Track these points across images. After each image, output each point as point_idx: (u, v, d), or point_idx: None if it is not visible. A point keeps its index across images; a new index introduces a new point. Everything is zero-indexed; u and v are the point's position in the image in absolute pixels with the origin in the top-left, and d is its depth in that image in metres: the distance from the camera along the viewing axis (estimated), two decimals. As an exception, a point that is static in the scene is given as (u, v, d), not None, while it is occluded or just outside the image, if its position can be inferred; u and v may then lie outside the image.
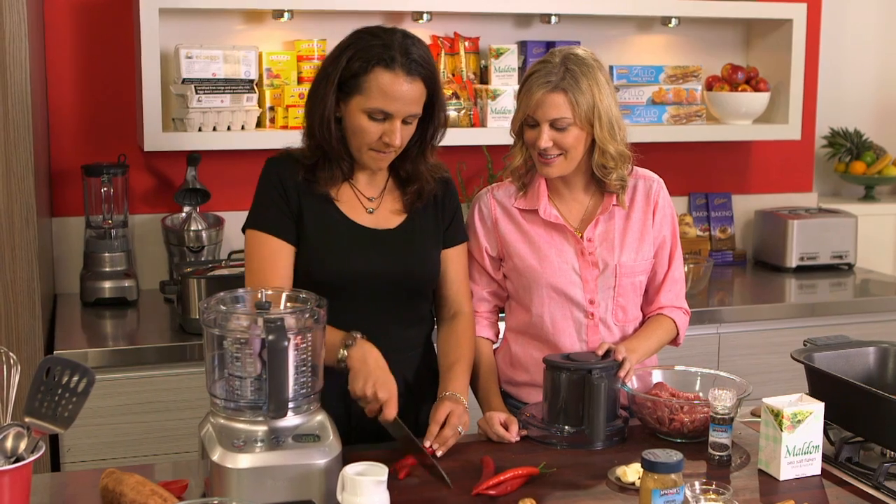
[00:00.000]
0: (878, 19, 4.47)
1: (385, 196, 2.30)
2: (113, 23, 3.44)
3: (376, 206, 2.29)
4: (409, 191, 2.29)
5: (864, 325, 3.49)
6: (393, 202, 2.30)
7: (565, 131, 2.27)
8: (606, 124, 2.28)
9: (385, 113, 2.13)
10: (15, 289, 2.76)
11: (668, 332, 2.44)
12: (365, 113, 2.14)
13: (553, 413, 2.20)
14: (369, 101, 2.13)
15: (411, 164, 2.28)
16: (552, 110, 2.26)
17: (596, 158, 2.33)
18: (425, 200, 2.30)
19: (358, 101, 2.15)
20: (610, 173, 2.34)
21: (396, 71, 2.12)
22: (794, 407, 2.01)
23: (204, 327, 1.90)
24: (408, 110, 2.15)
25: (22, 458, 1.65)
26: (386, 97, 2.12)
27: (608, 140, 2.30)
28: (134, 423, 2.92)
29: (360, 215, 2.26)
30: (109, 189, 3.34)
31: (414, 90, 2.14)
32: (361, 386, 2.06)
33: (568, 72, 2.26)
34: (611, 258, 2.37)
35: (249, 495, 1.77)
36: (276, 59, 3.45)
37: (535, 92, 2.27)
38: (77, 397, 1.68)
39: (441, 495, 1.93)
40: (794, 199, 4.28)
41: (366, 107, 2.14)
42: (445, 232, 2.34)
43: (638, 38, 3.97)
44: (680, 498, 1.78)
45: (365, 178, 2.29)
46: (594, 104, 2.27)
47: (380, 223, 2.27)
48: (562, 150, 2.29)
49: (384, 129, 2.15)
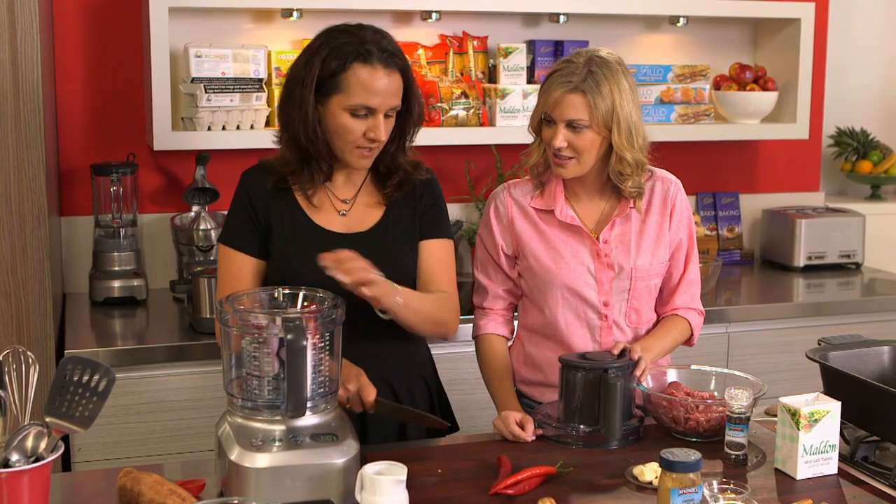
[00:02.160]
0: (884, 19, 4.47)
1: (361, 193, 2.29)
2: (122, 22, 3.43)
3: (349, 208, 2.27)
4: (390, 184, 2.27)
5: (872, 324, 3.49)
6: (369, 196, 2.28)
7: (581, 133, 2.26)
8: (625, 131, 2.27)
9: (368, 108, 2.13)
10: (26, 288, 2.76)
11: (682, 332, 2.44)
12: (347, 111, 2.13)
13: (569, 412, 2.20)
14: (350, 97, 2.12)
15: (390, 158, 2.26)
16: (569, 110, 2.26)
17: (612, 164, 2.31)
18: (406, 191, 2.28)
19: (338, 100, 2.14)
20: (626, 180, 2.33)
21: (374, 64, 2.12)
22: (811, 406, 2.01)
23: (221, 326, 1.90)
24: (389, 103, 2.14)
25: (42, 457, 1.65)
26: (367, 92, 2.11)
27: (626, 147, 2.28)
28: (144, 423, 2.91)
29: (332, 220, 2.25)
30: (118, 188, 3.34)
31: (393, 82, 2.14)
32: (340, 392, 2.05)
33: (590, 74, 2.25)
34: (626, 261, 2.36)
35: (268, 495, 1.77)
36: (285, 59, 3.44)
37: (555, 91, 2.27)
38: (97, 397, 1.68)
39: (459, 494, 1.93)
40: (802, 199, 4.28)
41: (347, 104, 2.13)
42: (420, 222, 2.30)
43: (646, 37, 3.97)
44: (698, 497, 1.78)
45: (342, 178, 2.28)
46: (614, 109, 2.25)
47: (352, 226, 2.26)
48: (575, 152, 2.28)
49: (368, 125, 2.14)
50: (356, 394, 2.08)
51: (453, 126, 3.53)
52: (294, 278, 2.14)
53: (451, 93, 3.53)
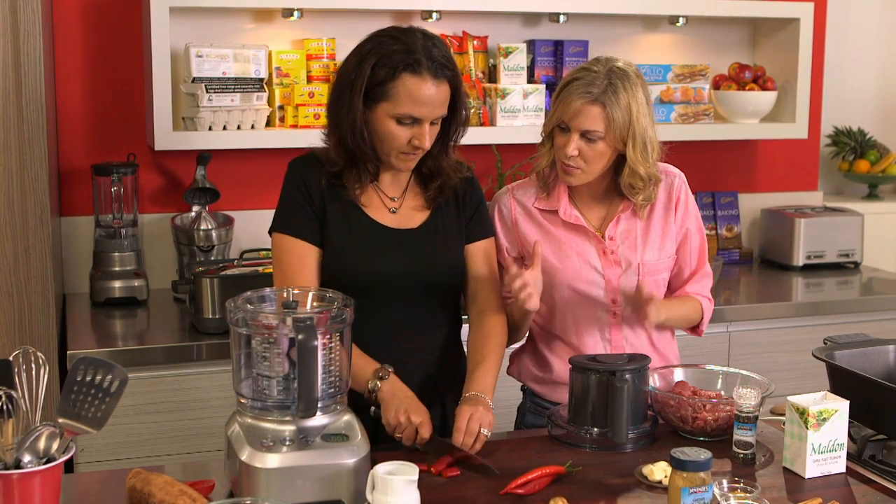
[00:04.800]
0: (881, 19, 4.48)
1: (407, 194, 2.31)
2: (122, 22, 3.42)
3: (399, 206, 2.29)
4: (432, 187, 2.29)
5: (871, 323, 3.50)
6: (415, 199, 2.31)
7: (594, 144, 2.26)
8: (640, 145, 2.26)
9: (414, 118, 2.14)
10: (29, 289, 2.75)
11: (695, 309, 2.43)
12: (393, 118, 2.15)
13: (579, 414, 2.19)
14: (398, 107, 2.13)
15: (433, 161, 2.28)
16: (587, 121, 2.24)
17: (625, 178, 2.30)
18: (447, 195, 2.30)
19: (385, 108, 2.15)
20: (638, 193, 2.33)
21: (423, 75, 2.12)
22: (820, 405, 2.01)
23: (231, 327, 1.89)
24: (436, 113, 2.16)
25: (53, 458, 1.64)
26: (414, 103, 2.12)
27: (640, 161, 2.27)
28: (146, 424, 2.91)
29: (384, 216, 2.27)
30: (119, 188, 3.33)
31: (441, 93, 2.15)
32: (394, 415, 2.08)
33: (610, 85, 2.23)
34: (633, 257, 2.36)
35: (278, 495, 1.76)
36: (286, 58, 3.44)
37: (574, 100, 2.25)
38: (110, 398, 1.68)
39: (470, 494, 1.93)
40: (800, 198, 4.29)
41: (394, 113, 2.14)
42: (467, 227, 2.34)
43: (645, 37, 3.98)
44: (709, 496, 1.78)
45: (388, 178, 2.30)
46: (630, 123, 2.24)
47: (402, 223, 2.28)
48: (584, 161, 2.27)
49: (413, 133, 2.16)
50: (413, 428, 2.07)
51: (454, 126, 3.52)
52: (347, 272, 2.19)
53: (452, 92, 3.53)
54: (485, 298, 2.34)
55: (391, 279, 2.21)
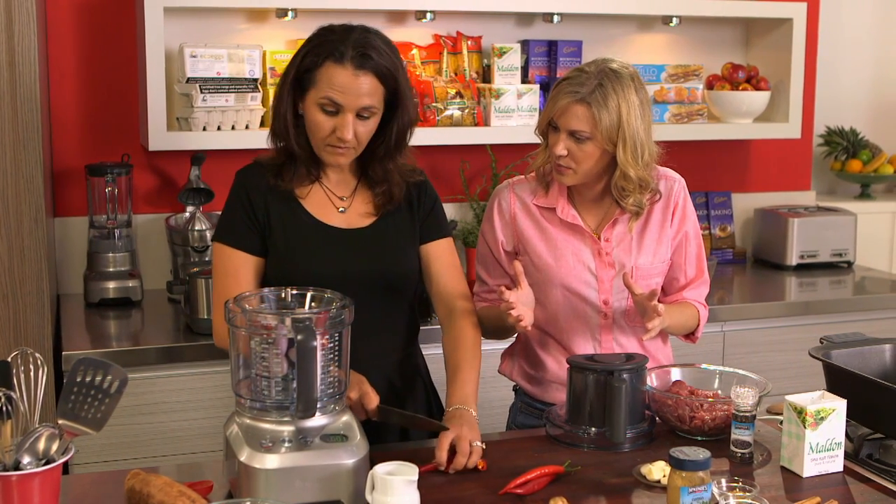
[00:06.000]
0: (873, 19, 4.50)
1: (356, 196, 2.28)
2: (116, 22, 3.41)
3: (348, 206, 2.27)
4: (378, 192, 2.27)
5: (864, 322, 3.51)
6: (364, 203, 2.28)
7: (582, 144, 2.25)
8: (630, 147, 2.24)
9: (335, 104, 2.13)
10: (23, 289, 2.74)
11: (692, 316, 2.43)
12: (318, 105, 2.14)
13: (577, 414, 2.20)
14: (319, 92, 2.13)
15: (379, 165, 2.26)
16: (573, 121, 2.24)
17: (616, 180, 2.30)
18: (396, 203, 2.28)
19: (311, 95, 2.15)
20: (627, 196, 2.31)
21: (345, 64, 2.12)
22: (818, 404, 2.02)
23: (229, 327, 1.89)
24: (358, 103, 2.13)
25: (52, 459, 1.64)
26: (334, 88, 2.12)
27: (630, 163, 2.26)
28: (140, 424, 2.90)
29: (331, 215, 2.25)
30: (113, 189, 3.32)
31: (364, 83, 2.13)
32: None
33: (600, 86, 2.22)
34: (628, 259, 2.36)
35: (278, 496, 1.76)
36: (280, 59, 3.44)
37: (562, 99, 2.25)
38: (109, 398, 1.67)
39: (469, 494, 1.93)
40: (793, 198, 4.30)
41: (317, 99, 2.14)
42: (421, 227, 2.31)
43: (639, 37, 3.98)
44: (708, 495, 1.78)
45: (335, 178, 2.28)
46: (620, 124, 2.23)
47: (351, 223, 2.26)
48: (574, 162, 2.27)
49: (336, 123, 2.14)
50: (358, 401, 2.06)
51: (448, 126, 3.53)
52: (295, 274, 2.15)
53: (446, 93, 3.53)
54: (448, 296, 2.31)
55: (339, 279, 2.13)
